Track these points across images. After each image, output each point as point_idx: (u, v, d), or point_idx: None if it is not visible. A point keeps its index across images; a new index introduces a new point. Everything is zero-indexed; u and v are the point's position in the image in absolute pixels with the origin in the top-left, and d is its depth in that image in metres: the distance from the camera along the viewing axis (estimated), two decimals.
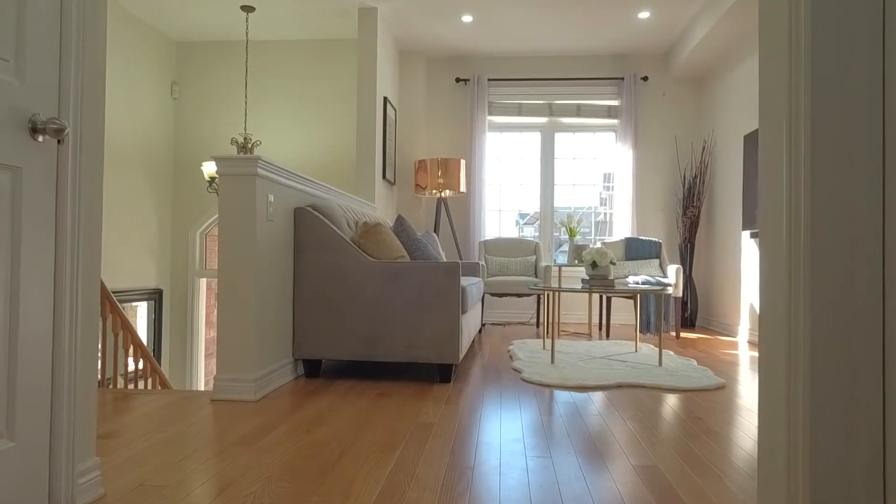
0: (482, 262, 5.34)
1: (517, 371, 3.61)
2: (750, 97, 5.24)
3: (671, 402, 2.89)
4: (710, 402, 2.90)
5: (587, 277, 4.09)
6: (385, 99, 5.70)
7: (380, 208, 5.66)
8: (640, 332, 5.35)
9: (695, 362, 3.94)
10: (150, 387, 4.03)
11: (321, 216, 3.29)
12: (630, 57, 6.52)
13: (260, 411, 2.60)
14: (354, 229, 3.63)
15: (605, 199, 7.25)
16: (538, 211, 7.07)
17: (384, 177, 5.73)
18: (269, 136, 6.56)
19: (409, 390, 3.05)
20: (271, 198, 2.96)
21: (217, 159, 2.80)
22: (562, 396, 2.97)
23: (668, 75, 6.47)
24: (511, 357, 4.11)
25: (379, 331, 3.21)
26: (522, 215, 7.46)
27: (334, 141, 6.60)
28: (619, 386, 3.23)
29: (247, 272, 2.78)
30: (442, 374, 3.25)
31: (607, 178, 6.87)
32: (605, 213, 6.79)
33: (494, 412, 2.65)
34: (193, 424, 2.40)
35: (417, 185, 6.04)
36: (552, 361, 3.78)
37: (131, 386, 4.21)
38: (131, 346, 3.80)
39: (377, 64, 5.40)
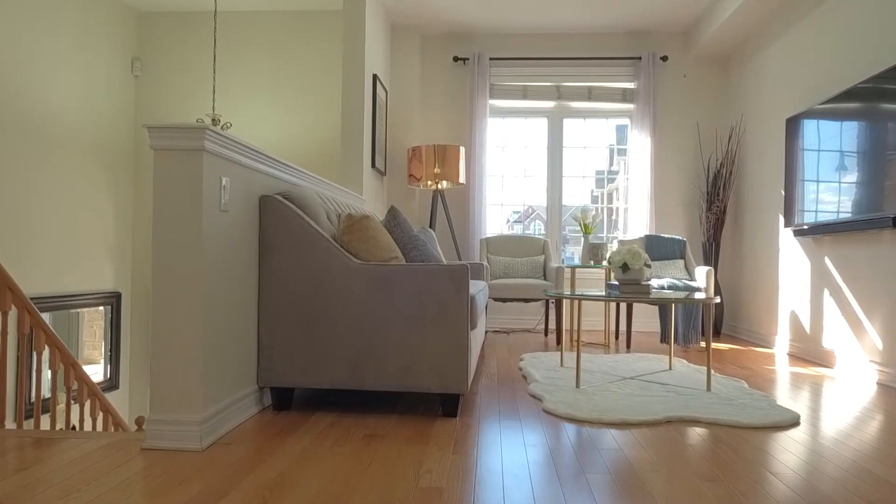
0: (485, 263, 4.67)
1: (536, 398, 2.94)
2: (794, 75, 4.59)
3: (744, 446, 2.23)
4: (794, 446, 2.25)
5: (615, 282, 3.43)
6: (375, 77, 5.01)
7: (369, 201, 4.98)
8: (668, 343, 4.70)
9: (745, 384, 3.30)
10: (88, 414, 3.32)
11: (293, 206, 2.61)
12: (648, 34, 5.87)
13: (205, 467, 1.92)
14: (337, 224, 2.95)
15: (598, 195, 6.62)
16: (529, 207, 6.42)
17: (373, 165, 5.05)
18: (242, 119, 5.85)
19: (406, 430, 2.38)
20: (226, 181, 2.27)
21: (150, 129, 2.11)
22: (600, 438, 2.31)
23: (689, 54, 5.83)
24: (525, 378, 3.44)
25: (366, 352, 2.54)
26: (516, 212, 6.83)
27: (317, 126, 5.91)
28: (668, 421, 2.57)
29: (191, 278, 2.09)
30: (446, 406, 2.58)
31: (601, 172, 6.24)
32: (599, 209, 6.13)
33: (520, 467, 1.98)
34: (106, 493, 1.71)
35: (411, 175, 5.36)
36: (577, 385, 3.12)
37: (59, 427, 3.50)
38: (63, 367, 3.09)
39: (366, 37, 4.71)
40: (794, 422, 2.57)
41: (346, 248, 2.64)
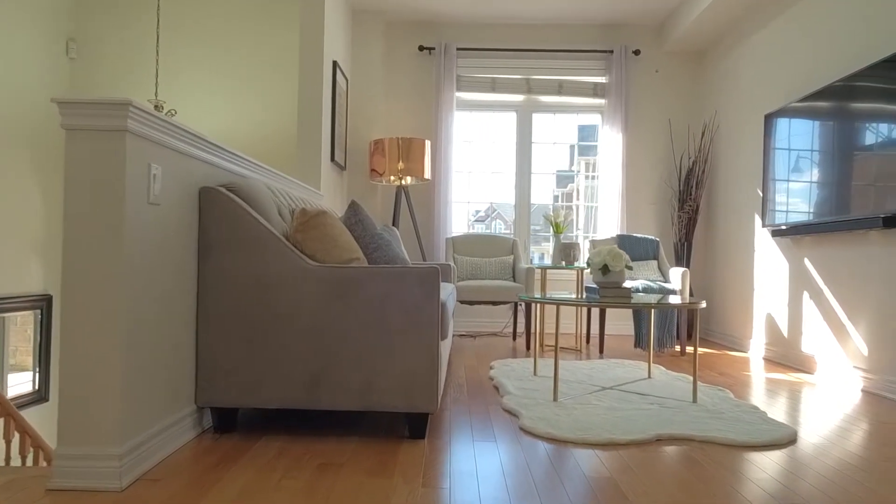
0: (452, 264, 4.40)
1: (512, 414, 2.68)
2: (773, 70, 4.45)
3: (744, 468, 2.01)
4: (797, 467, 2.03)
5: (594, 285, 3.20)
6: (335, 64, 4.68)
7: (327, 197, 4.65)
8: (642, 348, 4.50)
9: (731, 393, 3.10)
10: (1, 437, 2.91)
11: (239, 200, 2.28)
12: (621, 27, 5.68)
13: None
14: (290, 221, 2.63)
15: (558, 195, 6.43)
16: (491, 205, 6.18)
17: (333, 159, 4.71)
18: (190, 108, 5.43)
19: (367, 456, 2.07)
20: (156, 169, 1.93)
21: (61, 104, 1.76)
22: (587, 462, 2.05)
23: (662, 49, 5.66)
24: (497, 389, 3.18)
25: (322, 367, 2.22)
26: (477, 210, 6.57)
27: (273, 117, 5.53)
28: (658, 439, 2.34)
29: (109, 282, 1.75)
30: (413, 426, 2.29)
31: (563, 171, 6.04)
32: (563, 208, 5.93)
33: (501, 503, 1.70)
34: None
35: (373, 170, 5.04)
36: (555, 398, 2.87)
37: None
38: None
39: (325, 20, 4.38)
40: (791, 438, 2.36)
41: (300, 247, 2.33)
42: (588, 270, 5.11)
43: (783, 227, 4.06)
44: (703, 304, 2.95)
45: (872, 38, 3.36)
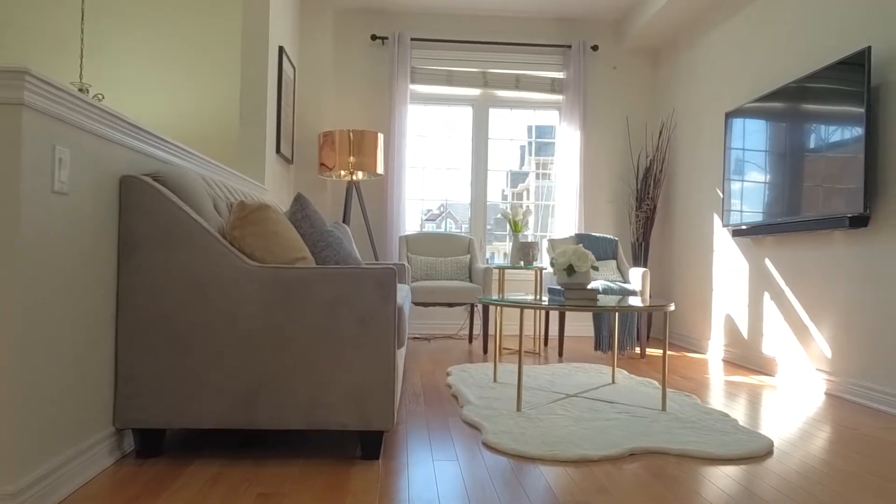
0: (407, 264, 4.17)
1: (474, 427, 2.47)
2: (733, 68, 4.38)
3: (727, 484, 1.85)
4: (780, 482, 1.90)
5: (558, 287, 3.03)
6: (281, 49, 4.38)
7: (272, 191, 4.34)
8: (602, 350, 4.37)
9: (698, 399, 2.99)
10: None
11: (166, 190, 1.99)
12: (579, 21, 5.56)
13: None
14: (227, 215, 2.36)
15: (509, 194, 6.30)
16: (442, 204, 5.99)
17: (278, 151, 4.41)
18: (121, 94, 5.02)
19: (314, 483, 1.83)
20: (63, 152, 1.63)
21: None
22: (560, 483, 1.86)
23: (620, 45, 5.57)
24: (456, 398, 2.97)
25: (263, 380, 1.96)
26: (428, 209, 6.38)
27: (217, 108, 5.17)
28: (632, 454, 2.17)
29: (1, 284, 1.45)
30: (366, 446, 2.05)
31: (516, 171, 5.91)
32: (520, 206, 5.79)
33: None
34: None
35: (322, 164, 4.76)
36: (518, 408, 2.68)
37: None
38: None
39: (269, 3, 4.07)
40: (768, 449, 2.24)
41: (238, 245, 2.06)
42: (550, 271, 4.97)
43: (744, 227, 4.00)
44: (672, 307, 2.81)
45: (831, 39, 3.31)
